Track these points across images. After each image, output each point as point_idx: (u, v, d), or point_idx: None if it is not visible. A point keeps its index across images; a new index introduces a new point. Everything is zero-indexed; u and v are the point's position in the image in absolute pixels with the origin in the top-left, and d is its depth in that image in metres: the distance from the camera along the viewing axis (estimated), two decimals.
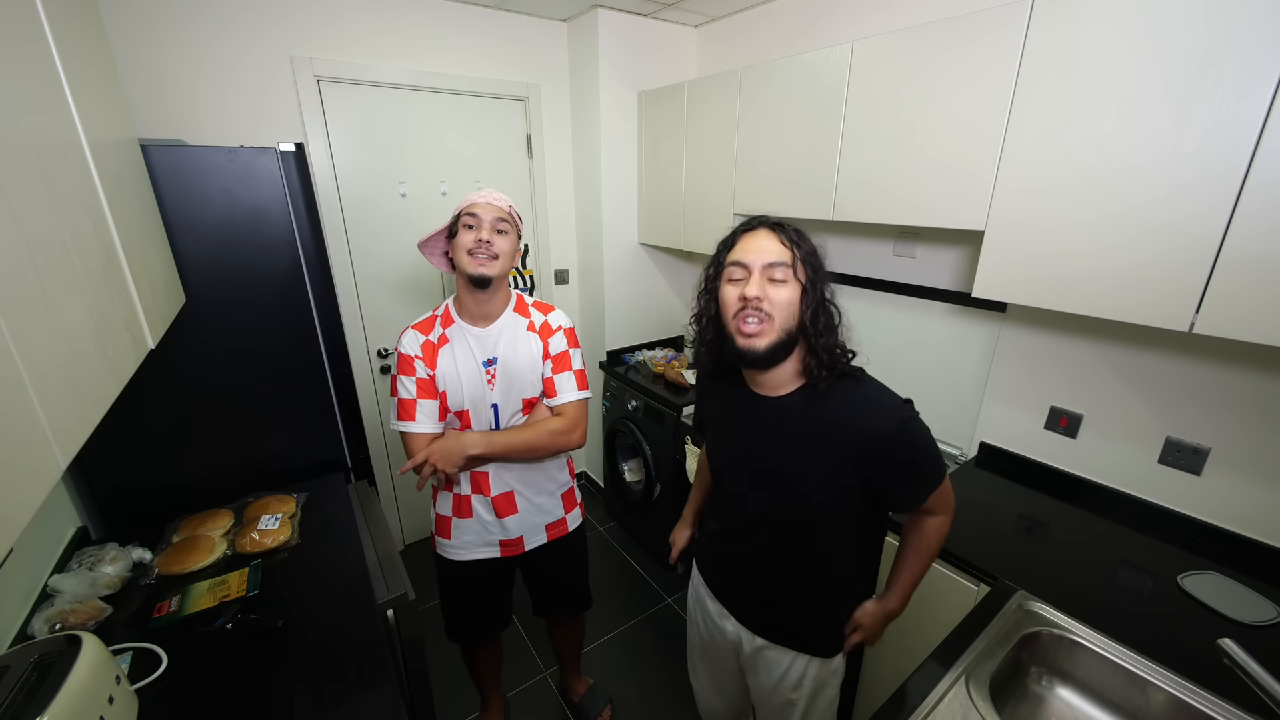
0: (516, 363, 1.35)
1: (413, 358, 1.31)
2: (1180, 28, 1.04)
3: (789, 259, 0.92)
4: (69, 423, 0.67)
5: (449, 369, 1.32)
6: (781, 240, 0.93)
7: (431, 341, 1.33)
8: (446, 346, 1.33)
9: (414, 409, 1.30)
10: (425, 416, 1.31)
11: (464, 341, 1.34)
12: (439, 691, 1.89)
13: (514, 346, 1.36)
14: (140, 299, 1.02)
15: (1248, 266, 1.02)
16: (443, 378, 1.32)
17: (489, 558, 1.47)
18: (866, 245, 2.03)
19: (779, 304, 0.91)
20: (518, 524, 1.45)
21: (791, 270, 0.91)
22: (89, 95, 0.94)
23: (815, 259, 0.94)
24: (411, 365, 1.31)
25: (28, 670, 0.78)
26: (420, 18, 2.18)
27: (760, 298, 0.90)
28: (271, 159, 1.53)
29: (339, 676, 1.03)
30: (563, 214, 2.76)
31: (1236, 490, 1.33)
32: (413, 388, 1.31)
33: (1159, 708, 0.99)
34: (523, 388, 1.37)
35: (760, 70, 1.88)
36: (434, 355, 1.33)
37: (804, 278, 0.92)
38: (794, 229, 0.96)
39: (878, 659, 1.59)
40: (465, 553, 1.46)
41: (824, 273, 0.94)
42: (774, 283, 0.91)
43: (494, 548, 1.47)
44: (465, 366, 1.33)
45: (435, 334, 1.34)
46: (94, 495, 1.47)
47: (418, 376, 1.31)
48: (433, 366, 1.32)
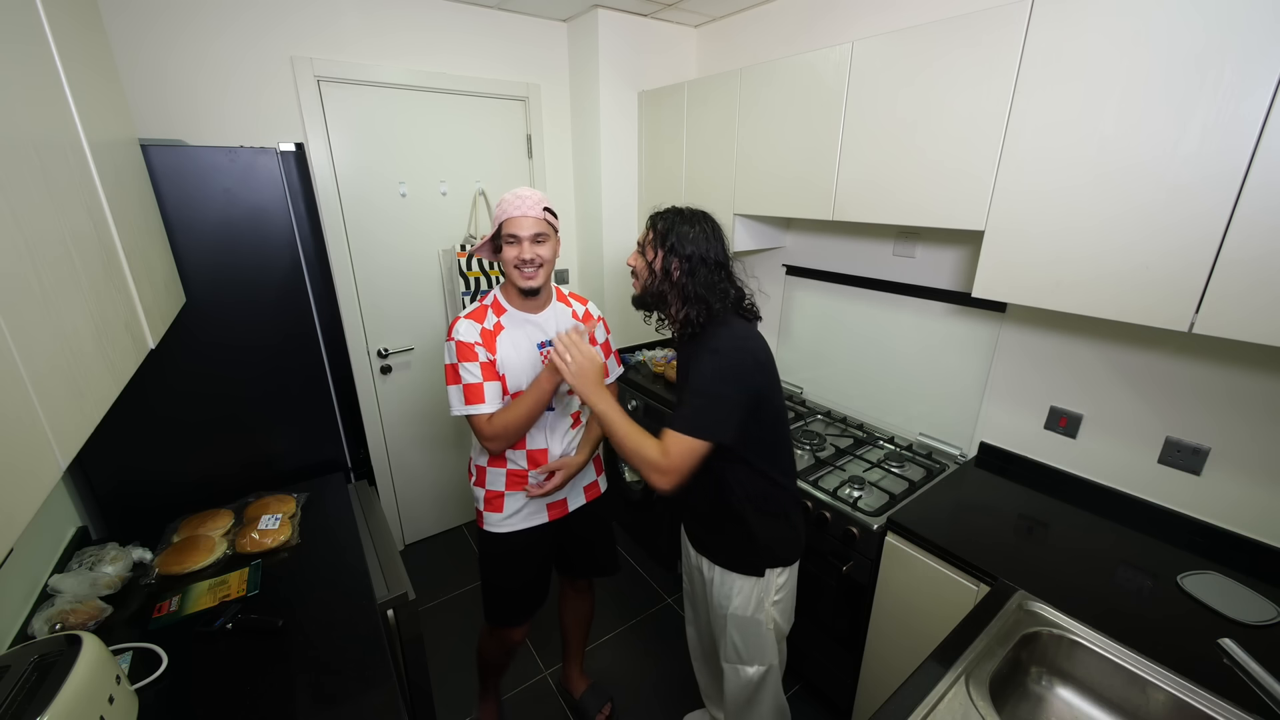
0: None
1: (473, 344, 1.38)
2: (1180, 28, 1.04)
3: (642, 239, 1.26)
4: (69, 423, 0.68)
5: (509, 353, 1.41)
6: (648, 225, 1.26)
7: (488, 329, 1.41)
8: (504, 333, 1.42)
9: (482, 392, 1.37)
10: (492, 398, 1.38)
11: (522, 326, 1.44)
12: (439, 691, 1.89)
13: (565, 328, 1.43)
14: (140, 299, 1.03)
15: (1248, 267, 1.02)
16: (503, 362, 1.40)
17: (538, 524, 1.54)
18: (866, 245, 2.03)
19: (638, 270, 1.27)
20: (562, 488, 1.54)
21: (641, 248, 1.26)
22: (89, 95, 0.94)
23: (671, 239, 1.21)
24: (473, 351, 1.37)
25: (28, 670, 0.78)
26: (420, 18, 2.18)
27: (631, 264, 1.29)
28: (271, 159, 1.53)
29: (339, 676, 1.03)
30: (563, 214, 2.76)
31: (1236, 490, 1.33)
32: (478, 372, 1.37)
33: (1159, 708, 0.99)
34: None
35: (760, 70, 1.88)
36: (493, 341, 1.40)
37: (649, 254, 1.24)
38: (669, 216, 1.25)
39: (878, 659, 1.59)
40: (517, 523, 1.52)
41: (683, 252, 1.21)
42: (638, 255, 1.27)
43: (542, 513, 1.55)
44: (524, 350, 1.43)
45: (490, 322, 1.42)
46: (94, 495, 1.47)
47: (481, 361, 1.38)
48: (493, 351, 1.39)
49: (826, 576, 1.66)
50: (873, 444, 1.96)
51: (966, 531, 1.43)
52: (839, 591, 1.63)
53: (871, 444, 1.96)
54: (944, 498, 1.59)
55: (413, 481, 2.67)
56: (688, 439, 1.11)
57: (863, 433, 2.05)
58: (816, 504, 1.64)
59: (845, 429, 2.08)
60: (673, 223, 1.23)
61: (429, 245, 2.42)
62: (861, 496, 1.62)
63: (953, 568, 1.35)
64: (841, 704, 1.74)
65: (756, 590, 1.32)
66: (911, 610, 1.47)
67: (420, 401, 2.58)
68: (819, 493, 1.65)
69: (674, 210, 1.26)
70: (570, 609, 1.85)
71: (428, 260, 2.44)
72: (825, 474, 1.76)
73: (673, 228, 1.22)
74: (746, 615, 1.34)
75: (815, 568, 1.68)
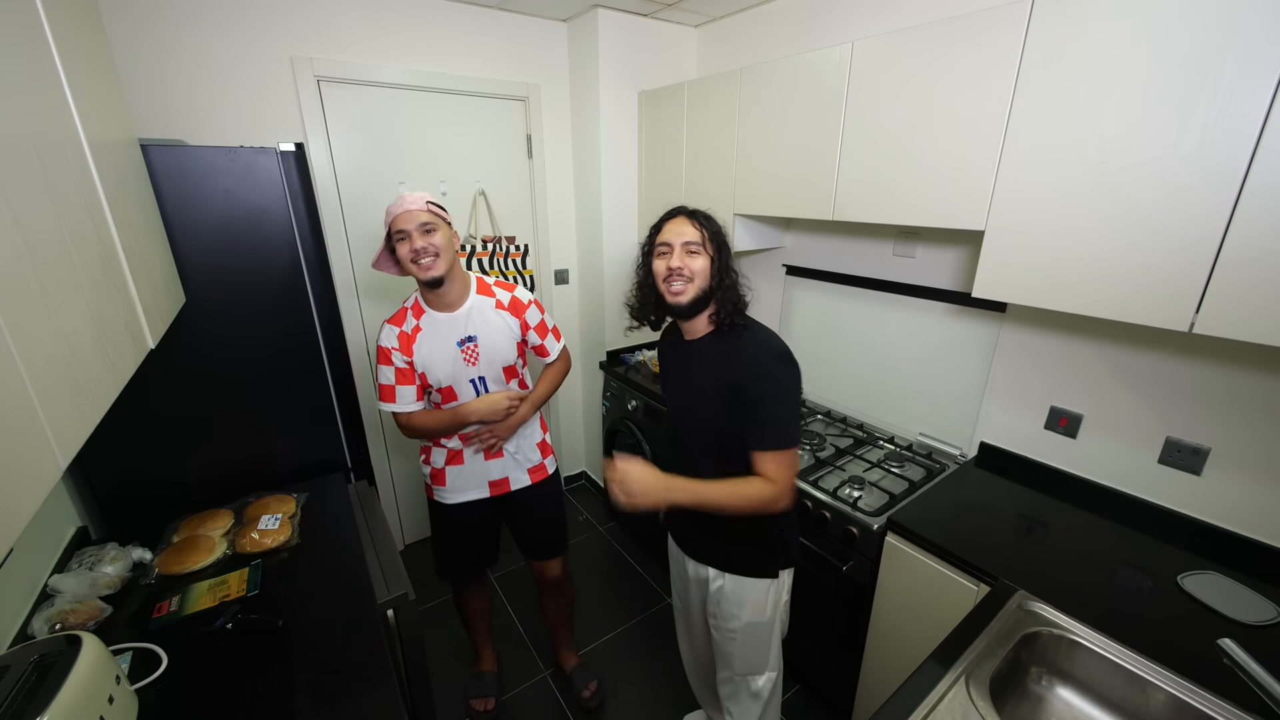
0: (493, 338, 1.54)
1: (390, 349, 1.49)
2: (1180, 28, 1.04)
3: (699, 238, 1.18)
4: (69, 423, 0.68)
5: (427, 354, 1.49)
6: (693, 224, 1.19)
7: (406, 333, 1.49)
8: (421, 335, 1.49)
9: (394, 393, 1.51)
10: (403, 399, 1.52)
11: (436, 328, 1.50)
12: (439, 691, 1.89)
13: (487, 323, 1.53)
14: (140, 299, 1.03)
15: (1247, 267, 1.02)
16: (422, 362, 1.49)
17: (479, 498, 1.67)
18: (866, 245, 2.03)
19: (696, 270, 1.17)
20: (501, 467, 1.66)
21: (703, 246, 1.18)
22: (89, 95, 0.94)
23: (720, 237, 1.20)
24: (389, 356, 1.49)
25: (28, 670, 0.78)
26: (420, 18, 2.18)
27: (682, 266, 1.17)
28: (271, 159, 1.53)
29: (339, 676, 1.03)
30: (563, 214, 2.76)
31: (1236, 490, 1.33)
32: (391, 375, 1.50)
33: (1159, 708, 0.99)
34: (503, 358, 1.57)
35: (760, 70, 1.88)
36: (410, 344, 1.49)
37: (711, 251, 1.18)
38: (703, 214, 1.22)
39: (878, 659, 1.59)
40: (460, 495, 1.65)
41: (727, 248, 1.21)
42: (690, 255, 1.18)
43: (484, 488, 1.66)
44: (441, 350, 1.50)
45: (409, 325, 1.50)
46: (94, 495, 1.47)
47: (395, 366, 1.49)
48: (409, 354, 1.49)
49: (826, 576, 1.66)
50: (873, 444, 1.96)
51: (966, 531, 1.43)
52: (839, 591, 1.63)
53: (871, 444, 1.96)
54: (944, 498, 1.59)
55: (413, 481, 2.67)
56: (787, 453, 1.12)
57: (863, 433, 2.05)
58: (816, 504, 1.64)
59: (845, 429, 2.08)
60: (710, 218, 1.23)
61: None
62: (861, 496, 1.62)
63: (953, 568, 1.35)
64: (841, 704, 1.74)
65: (772, 593, 1.30)
66: (911, 610, 1.47)
67: None
68: (819, 493, 1.65)
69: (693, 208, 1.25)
70: (546, 596, 1.92)
71: None
72: (825, 474, 1.76)
73: (719, 225, 1.23)
74: (762, 620, 1.31)
75: (815, 568, 1.68)
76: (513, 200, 2.60)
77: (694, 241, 1.18)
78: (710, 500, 1.13)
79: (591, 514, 3.01)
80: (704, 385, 1.23)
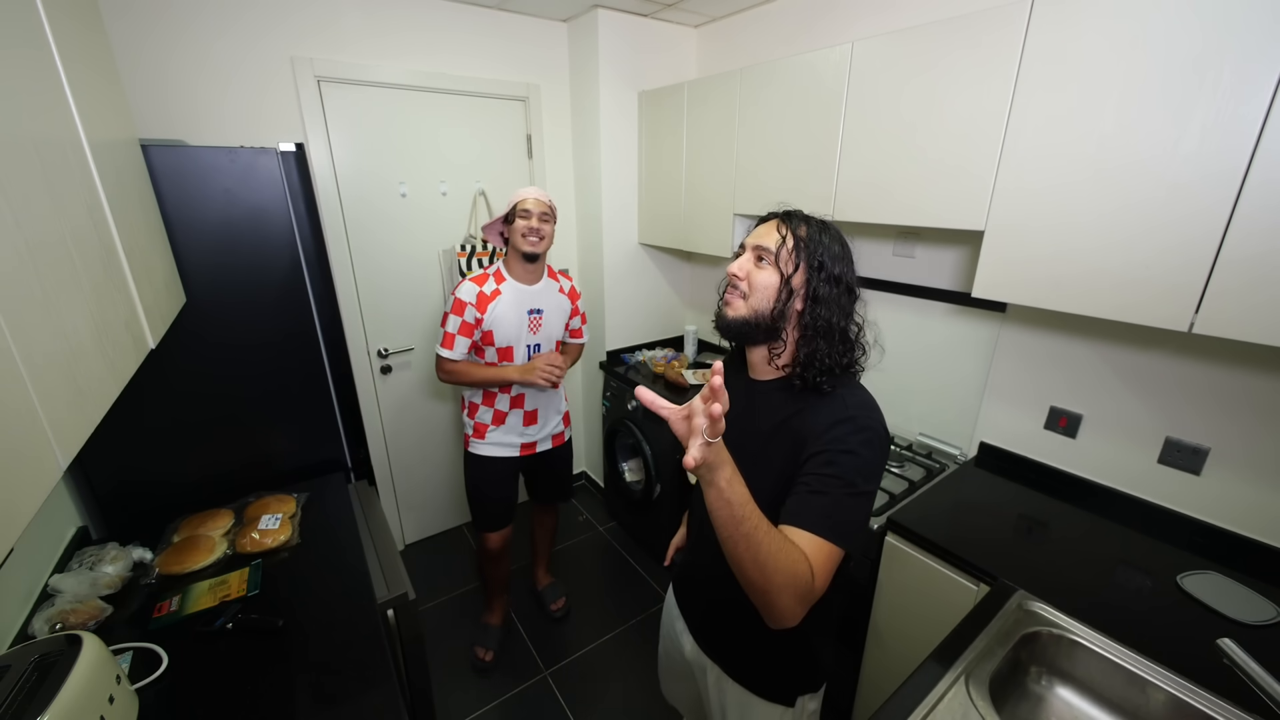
0: (554, 314, 1.86)
1: (466, 303, 1.72)
2: (1179, 28, 1.04)
3: (774, 245, 0.91)
4: (69, 423, 0.68)
5: (501, 314, 1.75)
6: (779, 228, 0.92)
7: (485, 293, 1.74)
8: (500, 298, 1.75)
9: (453, 341, 1.74)
10: (459, 348, 1.75)
11: (516, 295, 1.77)
12: (439, 691, 1.89)
13: (553, 301, 1.86)
14: (140, 299, 1.03)
15: (1247, 266, 1.02)
16: (493, 320, 1.74)
17: (510, 456, 1.94)
18: (866, 245, 2.03)
19: (756, 285, 0.91)
20: (535, 432, 1.96)
21: (775, 256, 0.90)
22: (90, 96, 0.94)
23: (818, 255, 0.90)
24: (463, 308, 1.72)
25: (28, 670, 0.78)
26: (420, 18, 2.18)
27: (740, 275, 0.92)
28: (272, 159, 1.53)
29: (339, 676, 1.03)
30: (563, 214, 2.76)
31: (1236, 490, 1.33)
32: (456, 325, 1.73)
33: (1159, 708, 0.99)
34: (555, 332, 1.89)
35: (760, 70, 1.88)
36: (487, 304, 1.74)
37: (788, 268, 0.89)
38: (811, 222, 0.94)
39: (878, 659, 1.59)
40: (495, 450, 1.93)
41: (830, 272, 0.90)
42: (758, 265, 0.92)
43: (515, 448, 1.95)
44: (515, 313, 1.77)
45: (489, 287, 1.76)
46: (94, 495, 1.47)
47: (464, 319, 1.73)
48: (482, 311, 1.73)
49: None
50: None
51: (966, 531, 1.43)
52: (839, 591, 1.63)
53: None
54: (944, 498, 1.59)
55: (413, 481, 2.67)
56: (836, 549, 0.79)
57: None
58: None
59: None
60: (818, 230, 0.93)
61: (429, 245, 2.42)
62: None
63: (952, 568, 1.35)
64: (841, 704, 1.74)
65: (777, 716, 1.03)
66: (911, 610, 1.47)
67: (420, 401, 2.58)
68: None
69: (804, 213, 0.96)
70: (538, 524, 2.28)
71: (428, 260, 2.44)
72: None
73: (818, 236, 0.92)
74: None
75: None
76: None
77: (766, 248, 0.91)
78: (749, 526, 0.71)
79: (591, 514, 3.01)
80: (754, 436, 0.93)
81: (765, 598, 0.75)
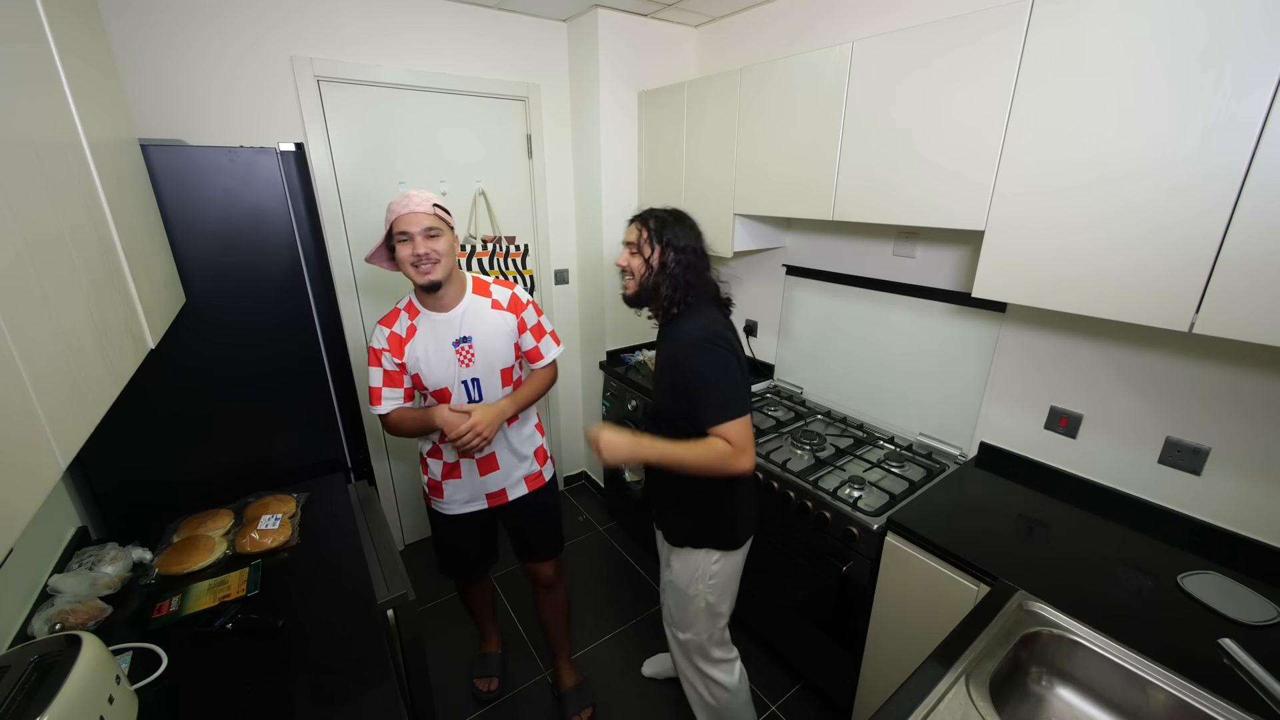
0: (489, 337, 1.50)
1: (380, 350, 1.47)
2: (1180, 27, 1.04)
3: (636, 239, 1.35)
4: (69, 423, 0.68)
5: (422, 354, 1.47)
6: (639, 227, 1.36)
7: (398, 334, 1.47)
8: (417, 336, 1.47)
9: (379, 396, 1.50)
10: (389, 400, 1.51)
11: (432, 329, 1.47)
12: (439, 691, 1.89)
13: (483, 323, 1.50)
14: (140, 299, 1.03)
15: (1247, 267, 1.02)
16: (414, 364, 1.47)
17: (477, 510, 1.66)
18: (866, 245, 2.03)
19: (633, 268, 1.37)
20: (499, 479, 1.63)
21: (637, 247, 1.36)
22: (89, 96, 0.94)
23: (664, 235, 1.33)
24: (379, 358, 1.48)
25: (28, 670, 0.78)
26: (420, 17, 2.18)
27: (623, 264, 1.38)
28: (271, 159, 1.53)
29: (339, 676, 1.03)
30: (563, 214, 2.76)
31: (1236, 490, 1.33)
32: (379, 378, 1.49)
33: (1159, 708, 0.99)
34: (500, 358, 1.53)
35: (760, 70, 1.88)
36: (401, 346, 1.47)
37: (646, 252, 1.34)
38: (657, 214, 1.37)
39: (878, 659, 1.59)
40: (457, 508, 1.65)
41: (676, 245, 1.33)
42: (631, 255, 1.37)
43: (481, 501, 1.65)
44: (436, 351, 1.47)
45: (403, 326, 1.48)
46: (94, 495, 1.47)
47: (384, 368, 1.48)
48: (400, 356, 1.47)
49: (826, 576, 1.66)
50: (873, 444, 1.96)
51: (966, 531, 1.43)
52: (839, 591, 1.63)
53: (871, 444, 1.96)
54: (944, 498, 1.59)
55: (413, 481, 2.67)
56: (738, 421, 1.22)
57: (863, 433, 2.05)
58: (817, 504, 1.64)
59: (845, 429, 2.08)
60: (664, 221, 1.36)
61: None
62: (861, 496, 1.62)
63: (953, 568, 1.35)
64: (841, 704, 1.74)
65: (690, 566, 1.45)
66: (911, 610, 1.47)
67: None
68: (819, 492, 1.65)
69: (655, 210, 1.39)
70: (543, 605, 1.87)
71: None
72: (825, 474, 1.76)
73: (665, 225, 1.35)
74: (680, 585, 1.48)
75: (815, 568, 1.68)
76: (513, 200, 2.60)
77: (632, 243, 1.36)
78: (675, 457, 1.24)
79: (591, 514, 3.01)
80: (660, 372, 1.41)
81: (709, 473, 1.24)
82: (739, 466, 1.22)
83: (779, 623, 1.89)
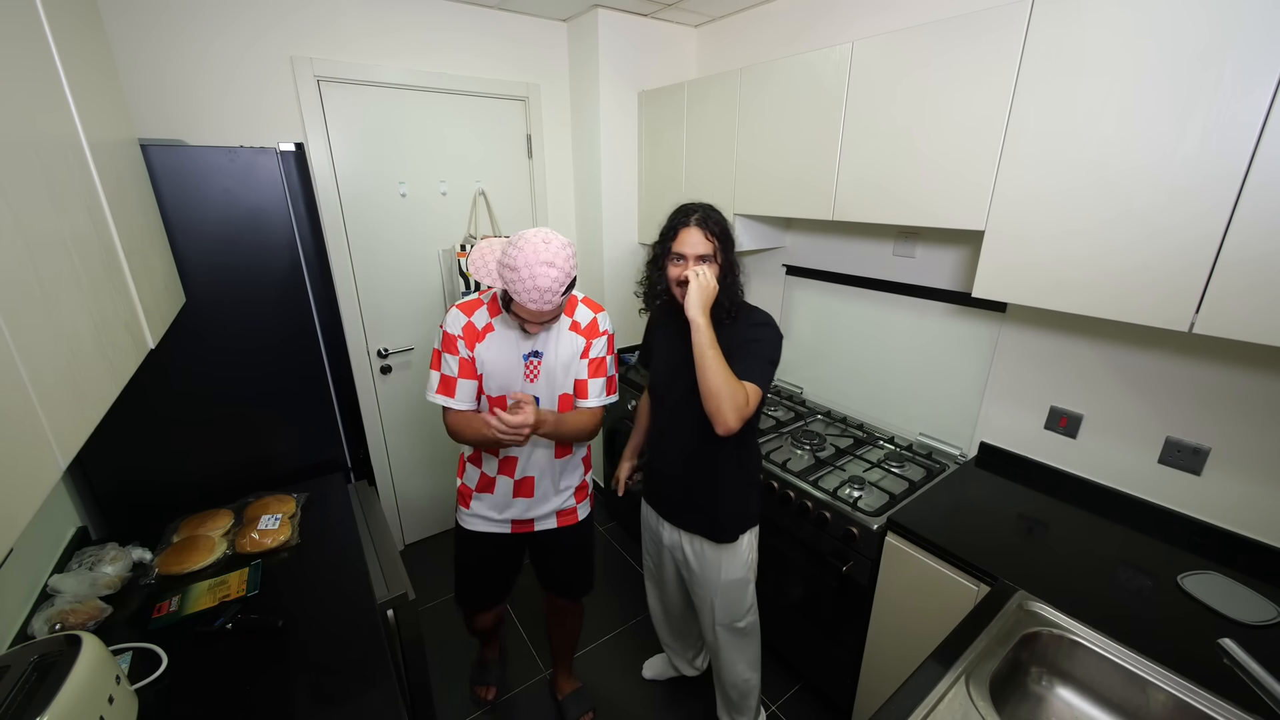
0: (559, 358, 1.40)
1: (456, 337, 1.35)
2: (1180, 28, 1.04)
3: (711, 250, 1.30)
4: (69, 423, 0.68)
5: (491, 356, 1.36)
6: (705, 234, 1.30)
7: (475, 325, 1.36)
8: (492, 335, 1.36)
9: (455, 387, 1.36)
10: (464, 395, 1.37)
11: (509, 332, 1.36)
12: (439, 691, 1.89)
13: (557, 342, 1.39)
14: (140, 299, 1.02)
15: (1247, 267, 1.02)
16: (482, 362, 1.37)
17: (498, 532, 1.55)
18: (866, 245, 2.03)
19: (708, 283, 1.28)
20: (528, 507, 1.52)
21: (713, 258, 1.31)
22: (89, 96, 0.94)
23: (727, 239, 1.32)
24: (455, 344, 1.35)
25: (28, 670, 0.78)
26: (420, 17, 2.18)
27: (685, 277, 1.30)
28: (271, 159, 1.53)
29: (339, 676, 1.03)
30: (563, 214, 2.76)
31: (1237, 490, 1.33)
32: (455, 366, 1.35)
33: (1159, 708, 0.99)
34: (563, 383, 1.42)
35: (760, 70, 1.88)
36: (475, 339, 1.36)
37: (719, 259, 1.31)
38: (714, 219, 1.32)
39: (878, 659, 1.59)
40: (479, 524, 1.55)
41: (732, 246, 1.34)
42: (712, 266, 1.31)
43: (505, 525, 1.55)
44: (506, 356, 1.36)
45: (481, 320, 1.37)
46: (94, 495, 1.47)
47: (460, 356, 1.35)
48: (471, 348, 1.36)
49: (826, 576, 1.66)
50: (873, 444, 1.96)
51: (966, 532, 1.43)
52: (839, 591, 1.63)
53: (871, 444, 1.96)
54: (944, 498, 1.59)
55: (413, 481, 2.67)
56: (760, 390, 1.25)
57: (863, 433, 2.05)
58: (816, 504, 1.64)
59: (845, 429, 2.08)
60: (722, 222, 1.33)
61: (429, 245, 2.42)
62: (861, 496, 1.62)
63: (953, 568, 1.35)
64: (841, 704, 1.74)
65: (741, 554, 1.48)
66: (911, 610, 1.47)
67: (420, 401, 2.57)
68: (819, 492, 1.65)
69: (703, 206, 1.34)
70: (555, 623, 1.84)
71: (428, 260, 2.44)
72: (825, 474, 1.76)
73: (725, 227, 1.33)
74: (739, 577, 1.49)
75: (815, 568, 1.68)
76: (513, 200, 2.60)
77: (706, 254, 1.30)
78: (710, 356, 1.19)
79: None
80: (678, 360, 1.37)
81: (716, 391, 1.18)
82: (729, 419, 1.19)
83: (779, 623, 1.89)
